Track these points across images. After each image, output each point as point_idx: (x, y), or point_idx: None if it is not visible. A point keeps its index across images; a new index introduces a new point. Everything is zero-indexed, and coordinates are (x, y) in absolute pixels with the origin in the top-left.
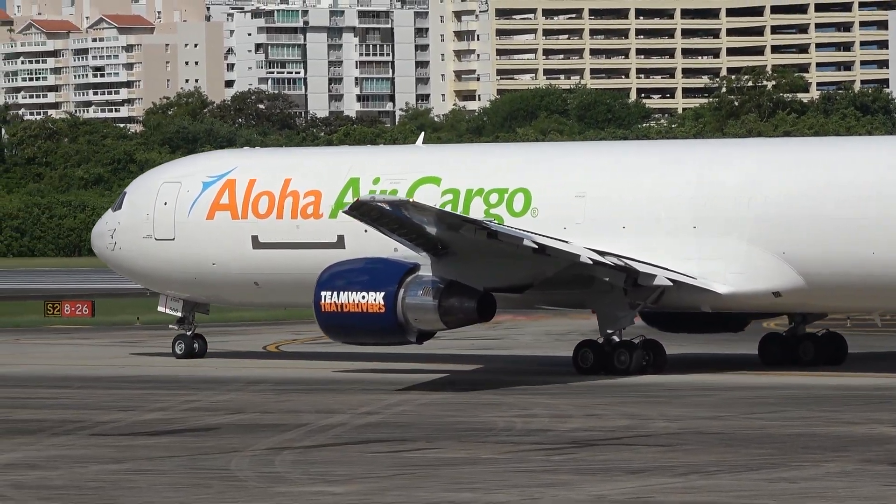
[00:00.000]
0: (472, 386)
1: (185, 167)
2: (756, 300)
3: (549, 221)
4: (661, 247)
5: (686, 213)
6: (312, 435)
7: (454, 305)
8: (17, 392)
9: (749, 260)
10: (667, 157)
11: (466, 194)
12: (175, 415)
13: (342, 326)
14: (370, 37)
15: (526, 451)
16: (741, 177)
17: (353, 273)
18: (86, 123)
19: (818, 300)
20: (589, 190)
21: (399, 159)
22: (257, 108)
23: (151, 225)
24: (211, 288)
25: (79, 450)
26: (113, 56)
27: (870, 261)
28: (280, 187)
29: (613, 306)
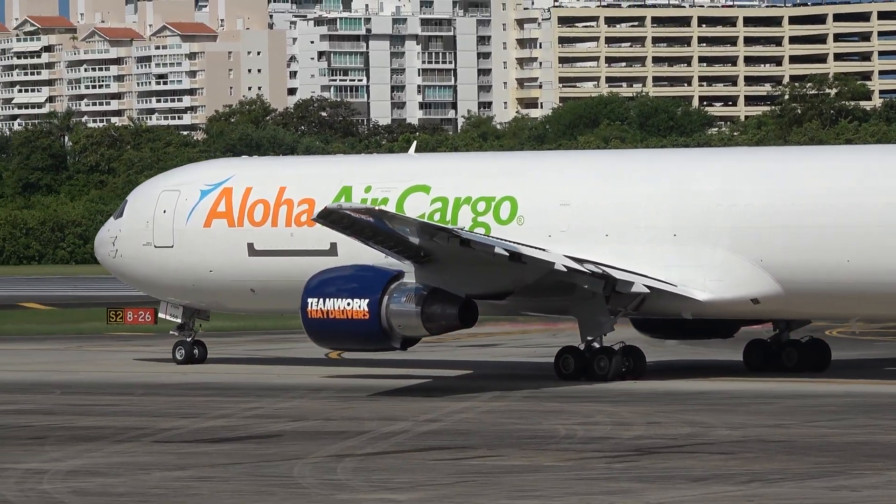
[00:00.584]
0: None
1: (184, 176)
2: (735, 307)
3: (534, 229)
4: (642, 255)
5: (667, 221)
6: (374, 442)
7: (436, 312)
8: (81, 399)
9: (728, 267)
10: (649, 166)
11: (455, 202)
12: (237, 422)
13: (328, 332)
14: (433, 44)
15: (587, 459)
16: (720, 185)
17: (339, 280)
18: (149, 131)
19: (796, 307)
20: (573, 199)
21: (390, 168)
22: (320, 116)
23: (151, 232)
24: (209, 294)
25: (141, 457)
26: (176, 64)
27: (845, 268)
28: (275, 196)
29: (594, 313)
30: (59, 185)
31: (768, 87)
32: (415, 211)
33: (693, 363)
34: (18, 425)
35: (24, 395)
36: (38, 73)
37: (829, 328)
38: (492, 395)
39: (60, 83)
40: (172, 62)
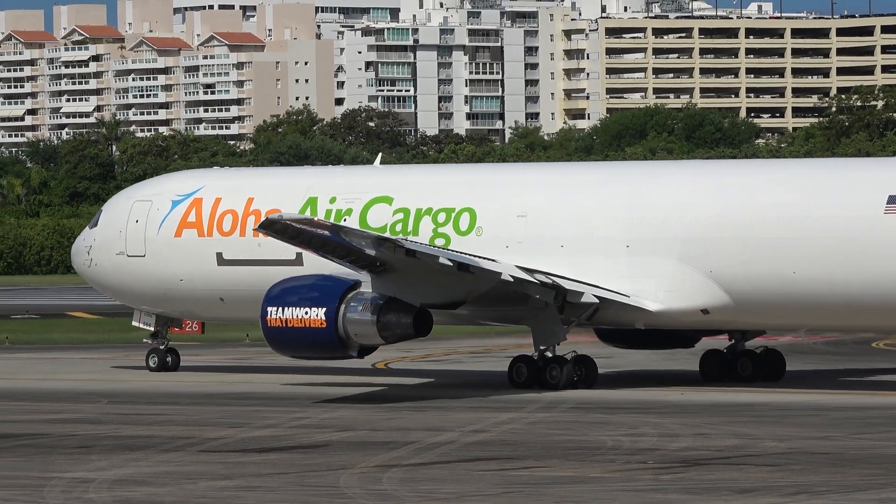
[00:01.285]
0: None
1: (157, 186)
2: (686, 317)
3: (492, 240)
4: (596, 265)
5: (620, 232)
6: (421, 452)
7: (391, 321)
8: (127, 408)
9: (679, 278)
10: (604, 178)
11: (416, 213)
12: (284, 431)
13: (286, 341)
14: (480, 55)
15: (634, 471)
16: (671, 198)
17: (298, 289)
18: (196, 141)
19: (745, 317)
20: (530, 210)
21: (355, 180)
22: (367, 126)
23: (124, 242)
24: (180, 303)
25: (188, 466)
26: (223, 73)
27: (791, 279)
28: (243, 206)
29: (547, 323)
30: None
31: (815, 98)
32: (377, 221)
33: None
34: (65, 434)
35: (70, 404)
36: (86, 83)
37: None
38: (538, 405)
39: (108, 92)
40: (220, 72)
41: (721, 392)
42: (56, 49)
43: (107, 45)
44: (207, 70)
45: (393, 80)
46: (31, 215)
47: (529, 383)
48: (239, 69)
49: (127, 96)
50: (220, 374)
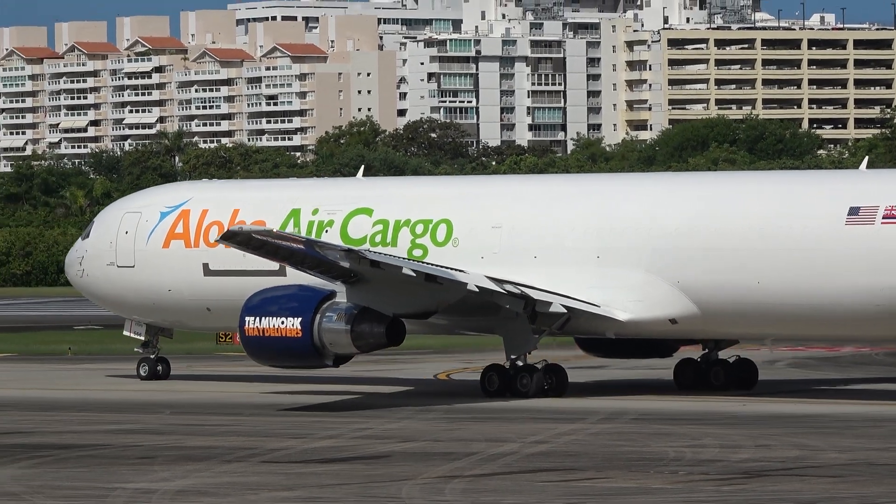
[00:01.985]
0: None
1: (146, 198)
2: (654, 327)
3: (468, 251)
4: (568, 276)
5: (591, 243)
6: (483, 463)
7: (365, 330)
8: (190, 419)
9: (647, 289)
10: (577, 190)
11: (395, 225)
12: (346, 442)
13: (264, 350)
14: (542, 66)
15: (696, 482)
16: (640, 209)
17: (275, 299)
18: (258, 152)
19: (712, 327)
20: (505, 221)
21: (337, 192)
22: (429, 137)
23: (114, 253)
24: (169, 313)
25: (250, 477)
26: (286, 85)
27: (756, 289)
28: (229, 217)
29: (518, 332)
30: None
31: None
32: (358, 233)
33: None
34: (127, 445)
35: (133, 415)
36: (149, 94)
37: None
38: (599, 416)
39: (171, 104)
40: (282, 83)
41: (782, 403)
42: (119, 60)
43: (170, 56)
44: (270, 81)
45: (455, 91)
46: None
47: (501, 391)
48: (301, 80)
49: (189, 107)
50: (273, 384)
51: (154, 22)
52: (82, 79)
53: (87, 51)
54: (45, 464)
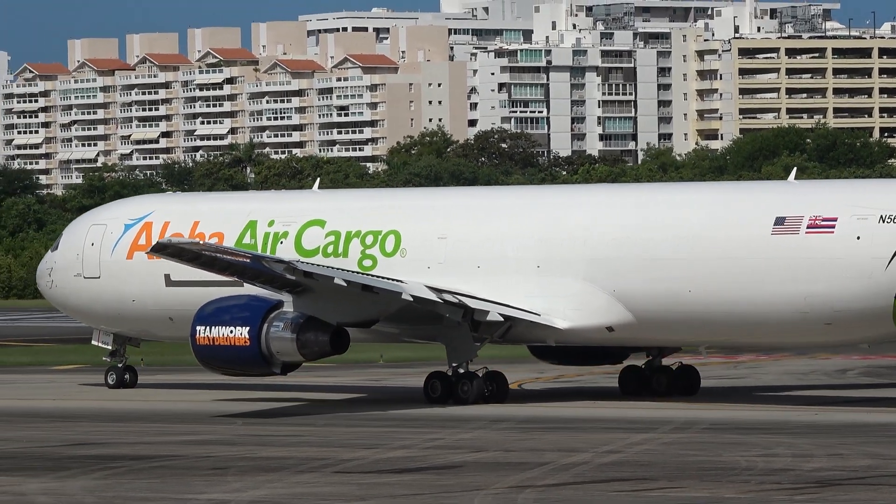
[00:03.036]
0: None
1: (111, 211)
2: (592, 334)
3: (415, 261)
4: (510, 285)
5: (532, 254)
6: (555, 473)
7: (310, 339)
8: (262, 429)
9: (585, 297)
10: (519, 202)
11: (346, 236)
12: (418, 452)
13: (214, 358)
14: (613, 76)
15: (768, 491)
16: (578, 220)
17: (225, 309)
18: (329, 163)
19: (647, 334)
20: (450, 232)
21: (292, 205)
22: (500, 148)
23: (81, 264)
24: (134, 323)
25: (322, 487)
26: (357, 95)
27: (688, 297)
28: (189, 229)
29: (459, 340)
30: None
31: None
32: (311, 244)
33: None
34: (200, 455)
35: (205, 426)
36: (221, 105)
37: None
38: (671, 426)
39: (242, 115)
40: (353, 94)
41: (855, 412)
42: (191, 72)
43: (241, 67)
44: (341, 92)
45: (526, 101)
46: None
47: (444, 398)
48: (372, 91)
49: (261, 118)
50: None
51: (225, 33)
52: (154, 90)
53: (158, 62)
54: (117, 475)
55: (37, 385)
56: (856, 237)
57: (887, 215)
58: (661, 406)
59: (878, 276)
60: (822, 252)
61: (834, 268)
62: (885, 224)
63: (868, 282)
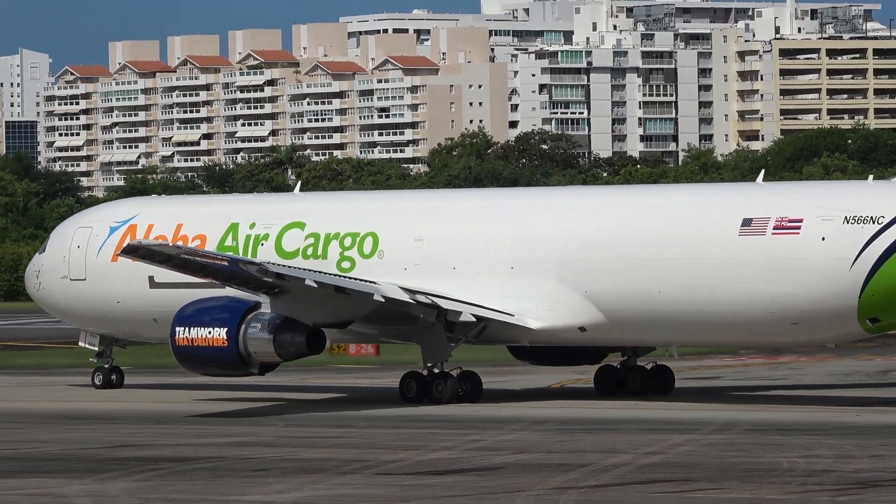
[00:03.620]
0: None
1: (96, 214)
2: (564, 335)
3: (392, 263)
4: (484, 286)
5: (505, 255)
6: (596, 475)
7: (287, 340)
8: (304, 431)
9: (557, 298)
10: (493, 204)
11: (325, 238)
12: (460, 454)
13: (193, 359)
14: (654, 77)
15: (810, 492)
16: (550, 222)
17: (204, 310)
18: (370, 164)
19: (618, 334)
20: (426, 234)
21: (273, 207)
22: (541, 149)
23: (67, 266)
24: (119, 324)
25: (364, 489)
26: (398, 97)
27: (657, 298)
28: (173, 232)
29: (434, 340)
30: None
31: None
32: (291, 246)
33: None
34: (242, 457)
35: (247, 427)
36: (261, 107)
37: None
38: (713, 427)
39: (283, 117)
40: (394, 95)
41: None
42: (231, 74)
43: (282, 69)
44: (382, 94)
45: (566, 102)
46: None
47: (419, 398)
48: (413, 93)
49: (302, 120)
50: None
51: (266, 35)
52: (195, 92)
53: (199, 64)
54: (160, 476)
55: (78, 387)
56: (821, 238)
57: (851, 217)
58: (703, 407)
59: (843, 276)
60: (788, 253)
61: (800, 268)
62: (850, 225)
63: (833, 282)
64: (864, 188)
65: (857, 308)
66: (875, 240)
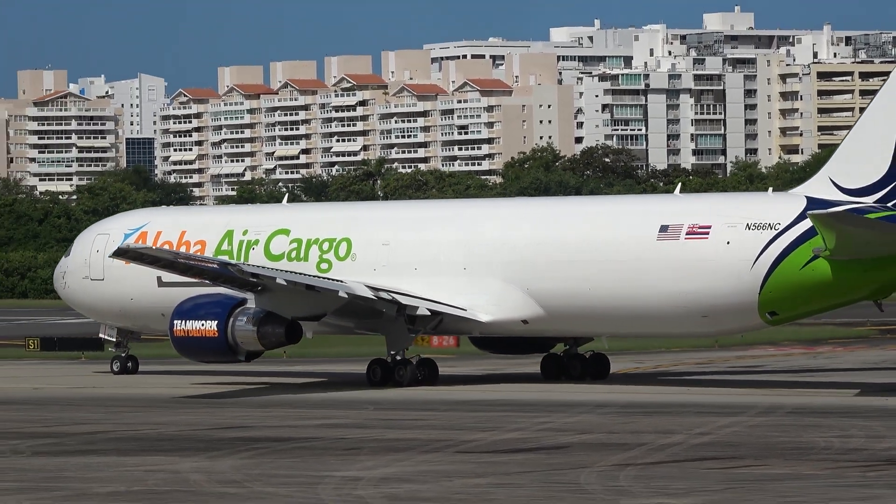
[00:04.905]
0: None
1: (113, 222)
2: (510, 327)
3: (363, 264)
4: (442, 284)
5: (459, 257)
6: (652, 453)
7: (268, 331)
8: (390, 414)
9: (503, 295)
10: (450, 213)
11: (307, 243)
12: (530, 434)
13: (189, 348)
14: (704, 97)
15: (844, 468)
16: (499, 228)
17: (198, 305)
18: (451, 176)
19: (556, 326)
20: (392, 239)
21: (263, 216)
22: (603, 162)
23: (88, 268)
24: (133, 318)
25: (445, 465)
26: (475, 116)
27: (588, 294)
28: (177, 238)
29: (396, 331)
30: None
31: None
32: (278, 250)
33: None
34: (335, 437)
35: (339, 411)
36: (354, 125)
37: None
38: (757, 410)
39: (373, 133)
40: (472, 115)
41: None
42: (327, 95)
43: (372, 91)
44: (461, 113)
45: (626, 120)
46: None
47: (383, 381)
48: (489, 112)
49: (390, 137)
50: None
51: (358, 61)
52: (294, 112)
53: (298, 87)
54: (262, 454)
55: (189, 374)
56: (726, 242)
57: (753, 223)
58: (748, 392)
59: (745, 275)
60: (699, 255)
61: (708, 269)
62: (751, 231)
63: (737, 280)
64: (765, 199)
65: (757, 303)
66: (772, 243)
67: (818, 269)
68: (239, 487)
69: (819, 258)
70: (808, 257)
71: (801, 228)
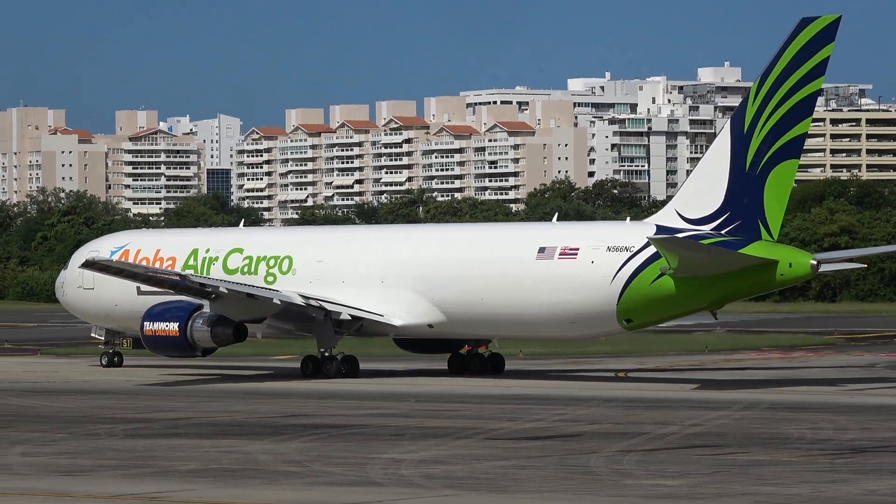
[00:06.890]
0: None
1: (103, 242)
2: (418, 330)
3: (302, 278)
4: (364, 294)
5: (378, 272)
6: (652, 441)
7: (219, 331)
8: (429, 406)
9: (413, 304)
10: (371, 236)
11: (257, 259)
12: (548, 424)
13: (156, 345)
14: (698, 139)
15: (815, 456)
16: (410, 248)
17: (164, 310)
18: (482, 203)
19: (456, 329)
20: (325, 257)
21: (223, 237)
22: (612, 193)
23: (82, 279)
24: (118, 321)
25: (475, 450)
26: (503, 153)
27: (480, 304)
28: (153, 254)
29: (324, 332)
30: None
31: None
32: (233, 265)
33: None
34: (383, 425)
35: (386, 403)
36: (400, 160)
37: None
38: (742, 405)
39: (416, 167)
40: (501, 152)
41: (880, 396)
42: (377, 134)
43: (416, 131)
44: (491, 150)
45: (632, 157)
46: None
47: (314, 374)
48: (515, 149)
49: (430, 170)
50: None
51: (404, 105)
52: (350, 148)
53: (353, 127)
54: (320, 439)
55: (260, 370)
56: (591, 262)
57: (612, 246)
58: (733, 390)
59: (605, 289)
60: (569, 272)
61: (576, 284)
62: (610, 252)
63: (599, 293)
64: (623, 226)
65: (616, 312)
66: (627, 263)
67: (665, 284)
68: (300, 467)
69: (665, 275)
70: (657, 274)
71: (650, 251)
